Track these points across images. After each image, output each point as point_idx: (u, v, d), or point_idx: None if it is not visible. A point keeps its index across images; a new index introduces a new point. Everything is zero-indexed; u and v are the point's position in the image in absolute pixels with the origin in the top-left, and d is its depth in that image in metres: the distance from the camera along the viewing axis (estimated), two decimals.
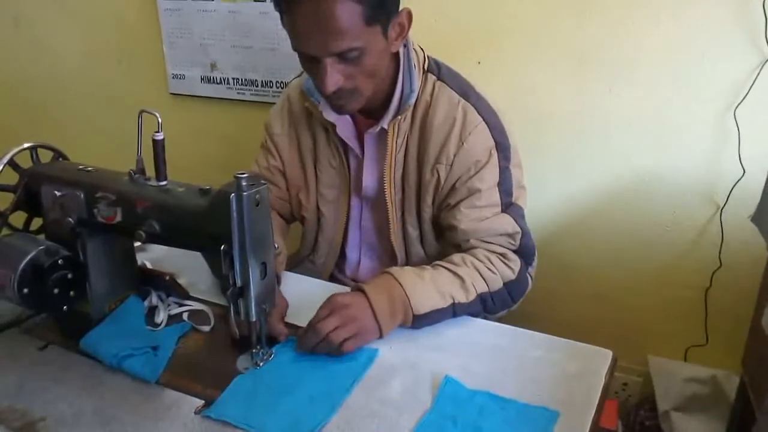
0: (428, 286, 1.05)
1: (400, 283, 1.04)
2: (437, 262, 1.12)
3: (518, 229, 1.16)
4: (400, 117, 1.15)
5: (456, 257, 1.13)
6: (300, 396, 0.90)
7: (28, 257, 0.93)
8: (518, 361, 0.98)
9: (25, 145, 1.07)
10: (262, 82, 1.85)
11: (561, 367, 0.96)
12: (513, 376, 0.94)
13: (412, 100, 1.14)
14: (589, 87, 1.53)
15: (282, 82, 1.82)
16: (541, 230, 1.67)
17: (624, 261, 1.64)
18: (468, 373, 0.94)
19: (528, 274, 1.19)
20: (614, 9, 1.43)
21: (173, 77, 1.97)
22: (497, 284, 1.12)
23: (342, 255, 1.36)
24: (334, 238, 1.32)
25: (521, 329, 1.06)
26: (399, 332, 1.04)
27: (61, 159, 1.12)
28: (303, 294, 1.14)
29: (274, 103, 1.83)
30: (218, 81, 1.91)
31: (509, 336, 1.05)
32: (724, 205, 1.49)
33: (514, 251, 1.16)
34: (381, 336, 1.01)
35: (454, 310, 1.06)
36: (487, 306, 1.11)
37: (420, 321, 1.04)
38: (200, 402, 0.89)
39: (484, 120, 1.15)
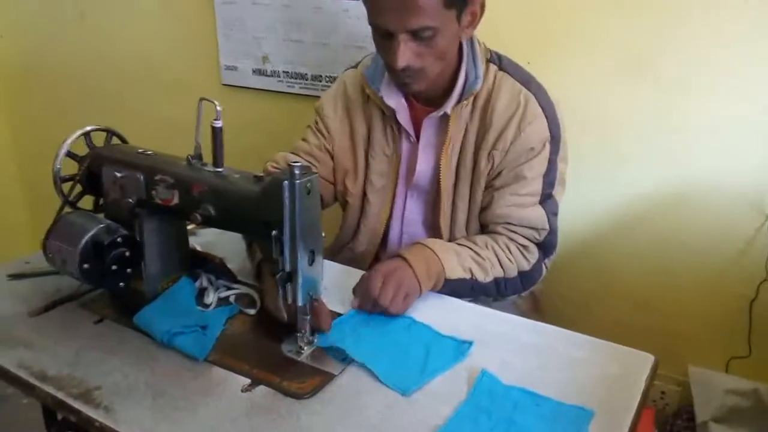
0: (455, 258, 1.16)
1: (433, 251, 1.14)
2: (461, 241, 1.20)
3: (546, 227, 1.22)
4: (464, 102, 1.19)
5: (479, 239, 1.20)
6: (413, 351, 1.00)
7: (90, 234, 0.98)
8: (557, 360, 0.99)
9: (88, 128, 1.13)
10: (311, 75, 1.88)
11: (601, 368, 0.97)
12: (551, 374, 0.95)
13: (478, 86, 1.18)
14: (637, 89, 1.51)
15: (331, 76, 1.85)
16: (582, 232, 1.66)
17: (666, 267, 1.62)
18: (506, 368, 0.95)
19: (543, 264, 1.26)
20: (668, 10, 1.42)
21: (226, 68, 2.02)
22: (512, 272, 1.20)
23: (381, 244, 1.38)
24: (377, 227, 1.35)
25: (562, 329, 1.06)
26: (442, 325, 1.05)
27: (120, 143, 1.17)
28: (342, 284, 1.16)
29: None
30: (269, 74, 1.95)
31: (550, 335, 1.05)
32: None
33: (536, 244, 1.22)
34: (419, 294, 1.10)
35: (472, 287, 1.16)
36: (499, 289, 1.20)
37: (446, 286, 1.14)
38: (247, 381, 0.92)
39: (543, 111, 1.19)
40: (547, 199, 1.21)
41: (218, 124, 0.95)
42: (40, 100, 2.52)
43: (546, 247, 1.24)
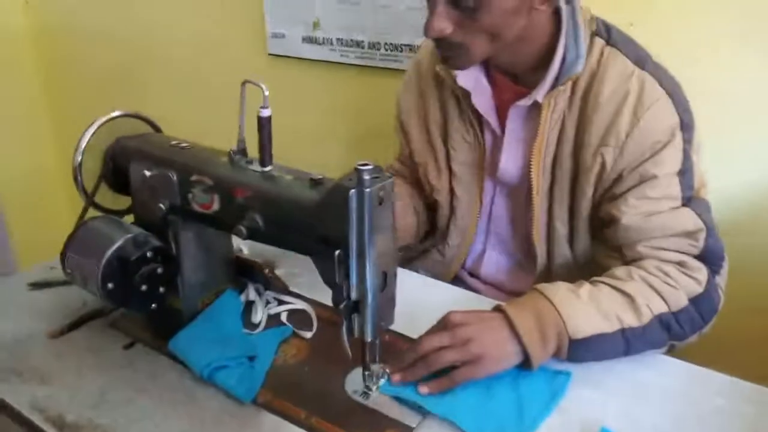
0: (587, 305, 0.84)
1: (550, 301, 0.84)
2: (596, 278, 0.90)
3: (701, 226, 0.92)
4: (561, 87, 0.95)
5: (620, 271, 0.90)
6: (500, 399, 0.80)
7: (114, 247, 0.81)
8: (695, 409, 0.78)
9: (113, 114, 0.95)
10: (368, 43, 1.67)
11: (754, 422, 0.76)
12: (690, 429, 0.75)
13: (580, 68, 0.93)
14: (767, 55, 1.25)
15: (391, 44, 1.63)
16: None
17: None
18: (630, 421, 0.76)
19: (718, 287, 0.93)
20: None
21: (273, 36, 1.82)
22: (681, 301, 0.88)
23: None
24: (468, 226, 1.13)
25: (697, 367, 0.85)
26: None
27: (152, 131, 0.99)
28: (420, 302, 0.95)
29: (380, 68, 1.68)
30: (320, 41, 1.74)
31: (682, 374, 0.84)
32: None
33: (696, 256, 0.92)
34: (531, 366, 0.81)
35: (626, 338, 0.84)
36: (672, 331, 0.87)
37: (579, 350, 0.83)
38: None
39: (666, 92, 0.92)
40: (689, 201, 0.94)
41: (266, 113, 0.76)
42: (75, 72, 2.36)
43: (709, 257, 0.93)
